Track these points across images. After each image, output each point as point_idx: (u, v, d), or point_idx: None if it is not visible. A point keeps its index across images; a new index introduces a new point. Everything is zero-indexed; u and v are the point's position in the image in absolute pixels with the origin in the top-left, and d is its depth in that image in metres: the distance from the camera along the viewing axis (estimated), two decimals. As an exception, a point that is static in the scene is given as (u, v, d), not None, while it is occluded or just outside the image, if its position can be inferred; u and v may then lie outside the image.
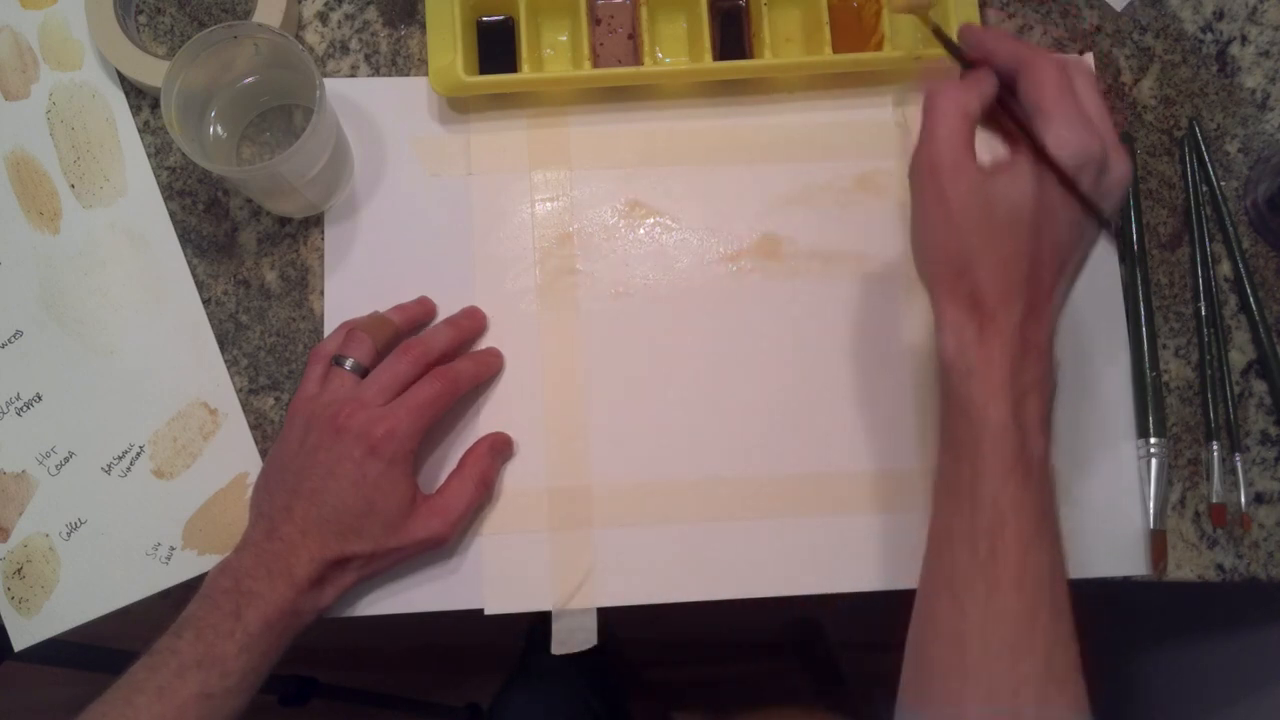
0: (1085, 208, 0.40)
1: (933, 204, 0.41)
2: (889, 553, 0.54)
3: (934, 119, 0.41)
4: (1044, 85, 0.40)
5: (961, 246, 0.40)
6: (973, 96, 0.41)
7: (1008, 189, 0.39)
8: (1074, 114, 0.39)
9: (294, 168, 0.49)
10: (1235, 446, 0.55)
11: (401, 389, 0.49)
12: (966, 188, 0.39)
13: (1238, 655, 0.70)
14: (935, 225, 0.41)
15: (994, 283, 0.40)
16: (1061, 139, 0.39)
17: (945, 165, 0.40)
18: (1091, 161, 0.39)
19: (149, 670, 0.45)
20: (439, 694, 1.18)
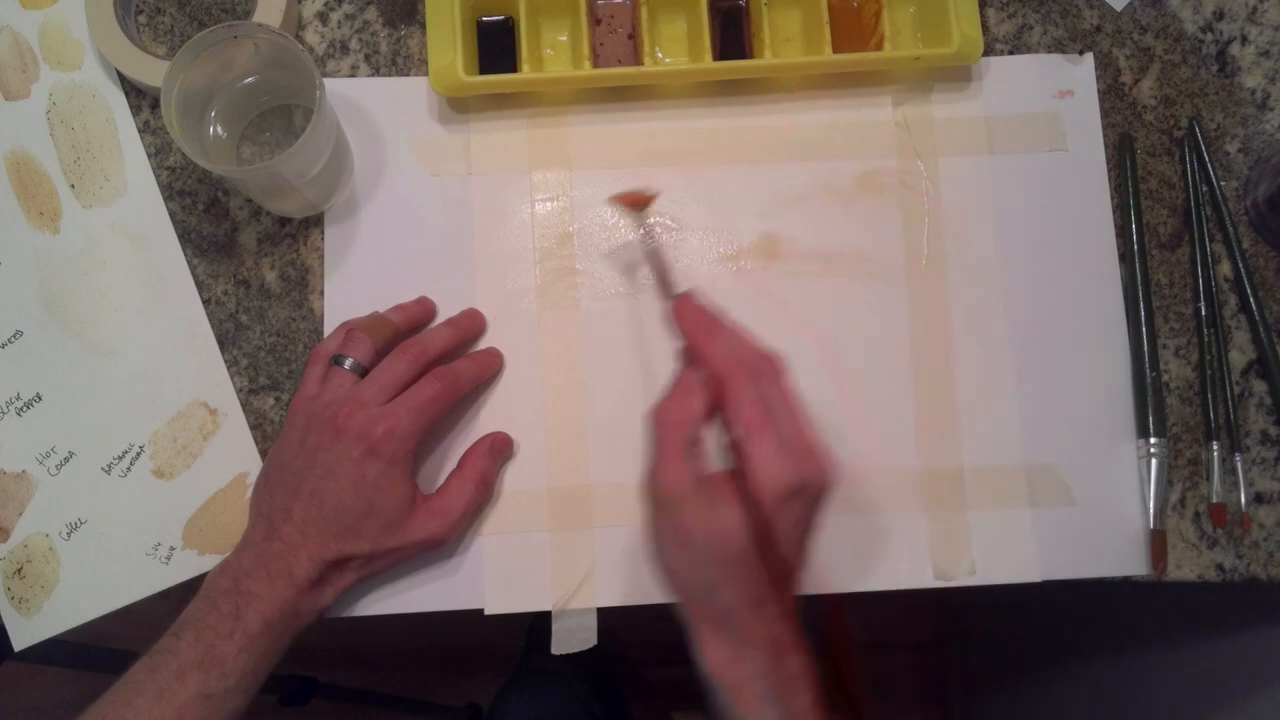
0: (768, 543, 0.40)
1: (669, 535, 0.42)
2: (889, 552, 0.54)
3: (660, 449, 0.42)
4: (740, 409, 0.40)
5: (703, 574, 0.41)
6: (693, 424, 0.42)
7: (730, 522, 0.40)
8: (775, 443, 0.40)
9: (294, 168, 0.49)
10: (1235, 446, 0.55)
11: (400, 389, 0.49)
12: (697, 520, 0.40)
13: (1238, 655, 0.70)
14: (674, 555, 0.42)
15: (740, 604, 0.41)
16: (764, 472, 0.39)
17: (674, 496, 0.41)
18: (796, 488, 0.39)
19: (149, 671, 0.45)
20: (439, 694, 1.18)
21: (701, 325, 0.44)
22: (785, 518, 0.40)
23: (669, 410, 0.42)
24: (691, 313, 0.44)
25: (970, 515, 0.54)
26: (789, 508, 0.40)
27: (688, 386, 0.43)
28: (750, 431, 0.40)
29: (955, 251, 0.57)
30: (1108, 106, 0.58)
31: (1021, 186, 0.57)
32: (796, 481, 0.40)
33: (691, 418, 0.42)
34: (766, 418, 0.40)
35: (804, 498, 0.40)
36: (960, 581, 0.53)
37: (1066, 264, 0.57)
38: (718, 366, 0.42)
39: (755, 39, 0.58)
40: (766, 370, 0.42)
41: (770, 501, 0.39)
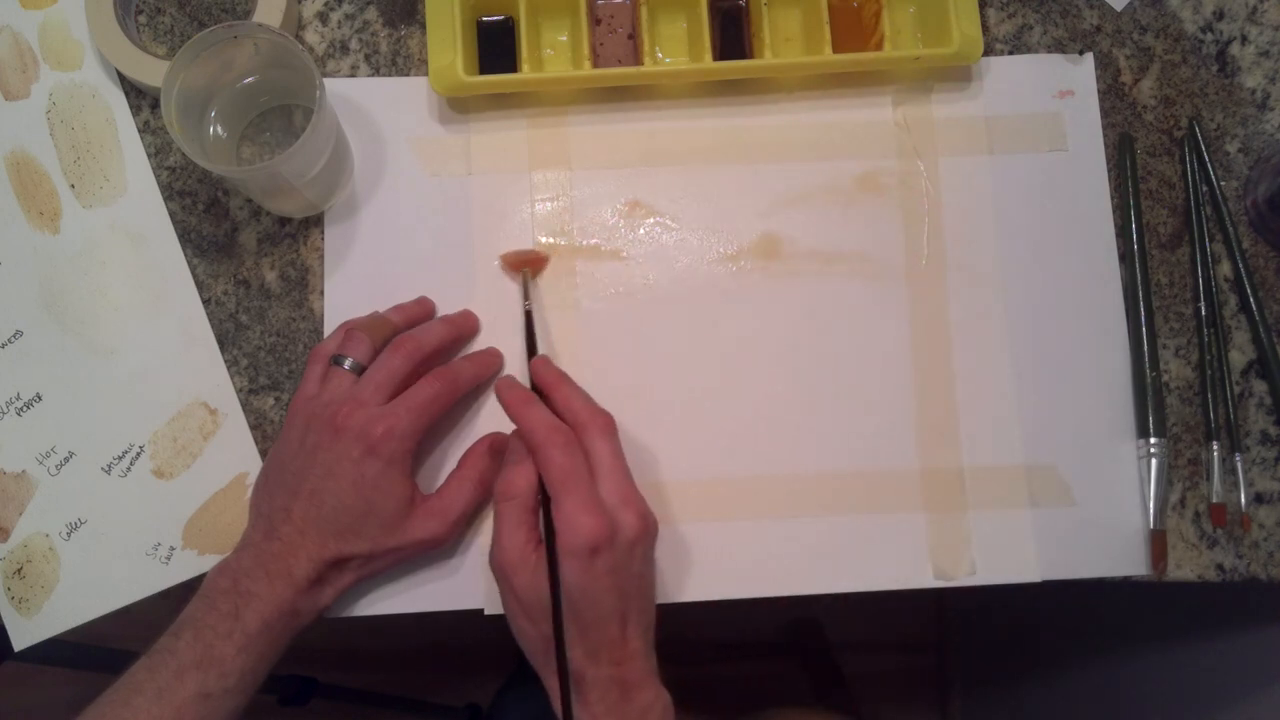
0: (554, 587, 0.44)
1: (509, 597, 0.46)
2: (888, 552, 0.54)
3: (498, 523, 0.46)
4: (550, 472, 0.44)
5: (539, 631, 0.45)
6: (527, 494, 0.46)
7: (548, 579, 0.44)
8: (577, 501, 0.43)
9: (294, 168, 0.49)
10: (1235, 446, 0.55)
11: (396, 385, 0.49)
12: (527, 582, 0.45)
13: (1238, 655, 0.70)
14: (517, 616, 0.46)
15: (576, 654, 0.44)
16: (565, 529, 0.43)
17: (509, 565, 0.45)
18: (600, 543, 0.43)
19: (148, 671, 0.45)
20: (439, 694, 1.18)
21: (518, 397, 0.48)
22: (593, 571, 0.43)
23: (502, 484, 0.47)
24: (509, 387, 0.49)
25: (970, 515, 0.54)
26: (596, 561, 0.43)
27: (517, 455, 0.47)
28: (555, 494, 0.44)
29: (955, 251, 0.57)
30: (1108, 106, 0.58)
31: (1021, 186, 0.57)
32: (596, 536, 0.43)
33: (519, 489, 0.46)
34: (570, 479, 0.44)
35: (610, 551, 0.44)
36: (960, 581, 0.53)
37: (1066, 264, 0.56)
38: (529, 437, 0.46)
39: (755, 39, 0.58)
40: (591, 432, 0.46)
41: (574, 557, 0.43)
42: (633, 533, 0.44)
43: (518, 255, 0.55)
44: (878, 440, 0.55)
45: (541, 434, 0.45)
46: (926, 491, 0.54)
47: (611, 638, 0.45)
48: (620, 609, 0.45)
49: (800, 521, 0.54)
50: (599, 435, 0.46)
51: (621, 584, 0.44)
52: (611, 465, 0.46)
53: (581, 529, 0.43)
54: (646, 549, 0.46)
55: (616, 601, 0.44)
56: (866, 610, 1.34)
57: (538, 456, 0.45)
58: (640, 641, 0.46)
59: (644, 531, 0.45)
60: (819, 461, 0.54)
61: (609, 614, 0.44)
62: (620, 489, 0.45)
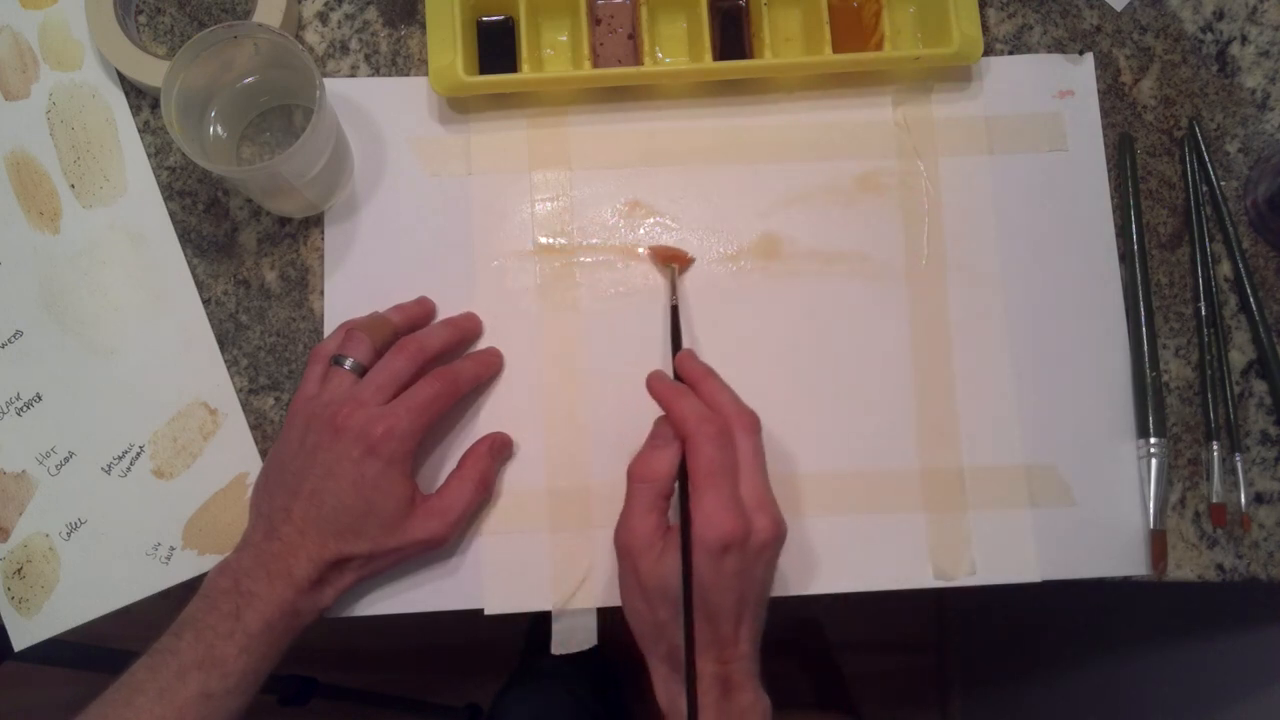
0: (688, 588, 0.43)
1: (630, 577, 0.46)
2: (888, 552, 0.54)
3: (630, 503, 0.46)
4: (698, 463, 0.45)
5: (655, 615, 0.46)
6: (664, 480, 0.46)
7: (676, 567, 0.44)
8: (719, 497, 0.44)
9: (294, 168, 0.49)
10: (1235, 446, 0.55)
11: (399, 387, 0.49)
12: (651, 566, 0.45)
13: (1238, 655, 0.70)
14: (634, 596, 0.47)
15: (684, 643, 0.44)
16: (703, 523, 0.43)
17: (636, 547, 0.45)
18: (733, 543, 0.43)
19: (149, 671, 0.45)
20: (439, 694, 1.18)
21: (670, 386, 0.48)
22: (721, 569, 0.44)
23: (639, 465, 0.47)
24: (660, 378, 0.49)
25: (970, 515, 0.54)
26: (725, 560, 0.43)
27: (660, 440, 0.47)
28: (698, 486, 0.44)
29: (955, 251, 0.57)
30: (1108, 106, 0.58)
31: (1021, 186, 0.57)
32: (731, 535, 0.43)
33: (659, 474, 0.46)
34: (716, 474, 0.44)
35: (740, 551, 0.44)
36: (960, 581, 0.53)
37: (1066, 264, 0.57)
38: (680, 425, 0.46)
39: (755, 39, 0.58)
40: (736, 428, 0.46)
41: (705, 552, 0.43)
42: (765, 536, 0.45)
43: (668, 250, 0.55)
44: (878, 440, 0.55)
45: (694, 424, 0.45)
46: (926, 491, 0.54)
47: (724, 636, 0.45)
48: (738, 610, 0.45)
49: (800, 521, 0.54)
50: (744, 433, 0.46)
51: (744, 585, 0.45)
52: (753, 465, 0.46)
53: (719, 526, 0.43)
54: (773, 555, 0.46)
55: (736, 602, 0.45)
56: (866, 610, 1.34)
57: (689, 446, 0.45)
58: (750, 644, 0.46)
59: (775, 537, 0.45)
60: (819, 461, 0.54)
61: (727, 612, 0.45)
62: (758, 491, 0.45)
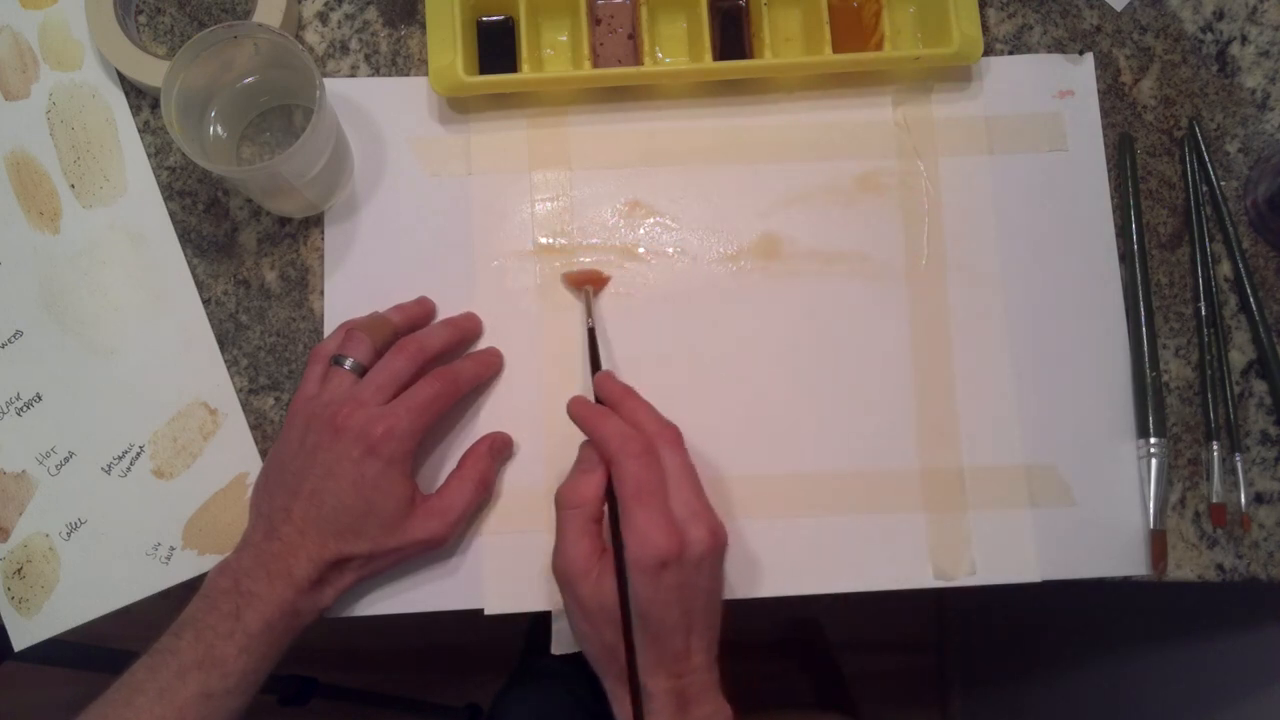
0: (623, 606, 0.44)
1: (572, 604, 0.46)
2: (888, 552, 0.54)
3: (562, 531, 0.46)
4: (624, 484, 0.44)
5: (601, 638, 0.46)
6: (593, 503, 0.46)
7: (614, 589, 0.44)
8: (648, 515, 0.44)
9: (294, 168, 0.49)
10: (1235, 446, 0.55)
11: (399, 387, 0.49)
12: (590, 591, 0.45)
13: (1238, 655, 0.70)
14: (579, 621, 0.46)
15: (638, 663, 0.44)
16: (635, 543, 0.43)
17: (573, 573, 0.45)
18: (669, 559, 0.43)
19: (149, 671, 0.45)
20: (439, 694, 1.18)
21: (591, 410, 0.48)
22: (660, 585, 0.43)
23: (568, 493, 0.47)
24: (581, 402, 0.49)
25: (970, 515, 0.54)
26: (664, 576, 0.43)
27: (587, 464, 0.47)
28: (627, 506, 0.44)
29: (955, 251, 0.57)
30: (1108, 106, 0.58)
31: (1021, 186, 0.57)
32: (666, 551, 0.43)
33: (586, 498, 0.46)
34: (644, 492, 0.44)
35: (678, 565, 0.44)
36: (960, 581, 0.53)
37: (1066, 264, 0.57)
38: (603, 447, 0.46)
39: (755, 39, 0.58)
40: (660, 443, 0.46)
41: (642, 571, 0.43)
42: (702, 548, 0.44)
43: (581, 274, 0.55)
44: (878, 440, 0.55)
45: (617, 444, 0.45)
46: (926, 491, 0.54)
47: (675, 651, 0.45)
48: (685, 623, 0.45)
49: (800, 521, 0.54)
50: (668, 447, 0.46)
51: (687, 598, 0.44)
52: (681, 478, 0.45)
53: (652, 543, 0.43)
54: (715, 563, 0.46)
55: (681, 616, 0.44)
56: (866, 610, 1.34)
57: (614, 467, 0.45)
58: (703, 655, 0.46)
59: (713, 547, 0.45)
60: (819, 461, 0.54)
61: (673, 628, 0.44)
62: (690, 502, 0.45)
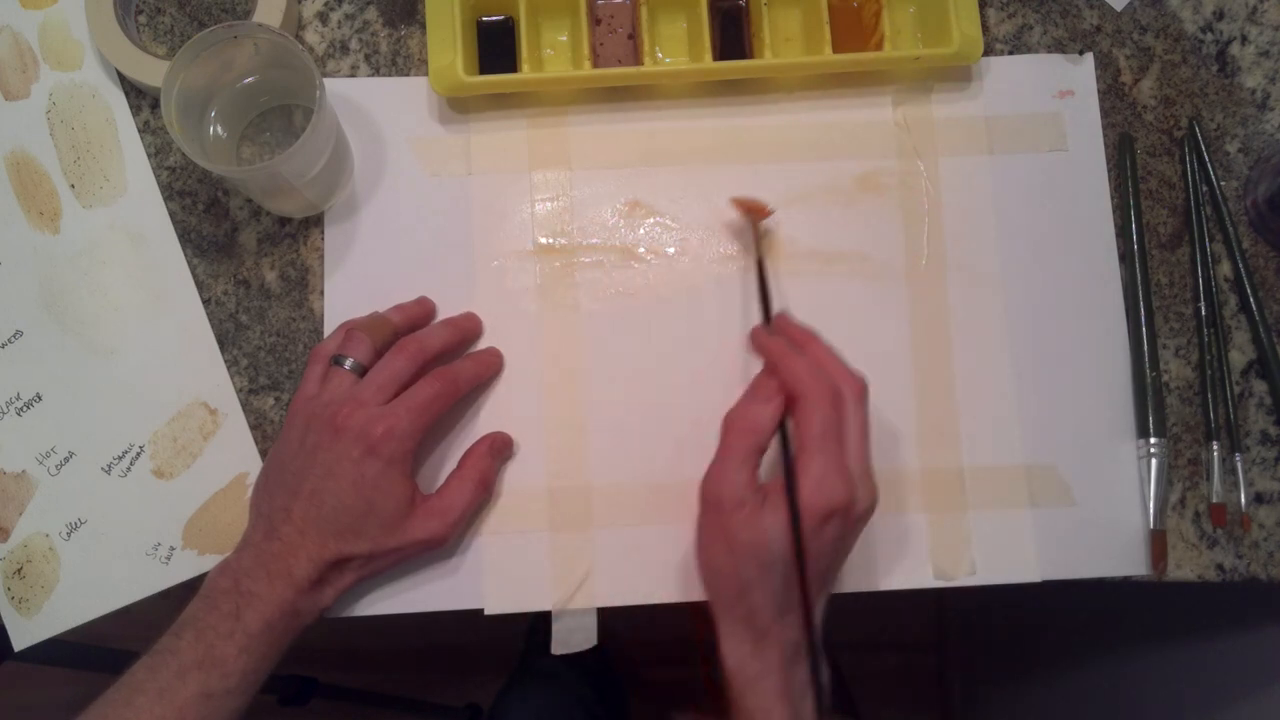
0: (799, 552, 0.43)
1: (717, 533, 0.45)
2: (887, 553, 0.54)
3: (726, 455, 0.45)
4: (810, 424, 0.43)
5: (740, 573, 0.44)
6: (764, 435, 0.44)
7: (774, 528, 0.43)
8: (829, 463, 0.43)
9: (294, 168, 0.49)
10: (1235, 446, 0.55)
11: (399, 387, 0.49)
12: (744, 523, 0.43)
13: (1238, 655, 0.70)
14: (718, 552, 0.45)
15: (767, 605, 0.44)
16: (812, 488, 0.42)
17: (728, 501, 0.44)
18: (838, 511, 0.43)
19: (149, 671, 0.45)
20: (439, 694, 1.18)
21: (780, 344, 0.46)
22: (823, 534, 0.43)
23: (739, 417, 0.45)
24: (766, 335, 0.47)
25: (970, 515, 0.54)
26: (827, 527, 0.43)
27: (764, 394, 0.45)
28: (808, 449, 0.43)
29: (955, 251, 0.57)
30: (1108, 106, 0.58)
31: (1021, 186, 0.57)
32: (839, 503, 0.42)
33: (759, 427, 0.44)
34: (826, 439, 0.43)
35: (842, 520, 0.43)
36: (960, 581, 0.54)
37: (1066, 264, 0.57)
38: (794, 383, 0.44)
39: (755, 39, 0.58)
40: (846, 392, 0.44)
41: (810, 517, 0.42)
42: (864, 508, 0.44)
43: (750, 203, 0.54)
44: (878, 440, 0.55)
45: (809, 384, 0.44)
46: (926, 491, 0.54)
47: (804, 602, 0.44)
48: (823, 578, 0.45)
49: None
50: (854, 399, 0.45)
51: (835, 554, 0.44)
52: (861, 433, 0.44)
53: (828, 492, 0.42)
54: (863, 528, 0.45)
55: (825, 570, 0.44)
56: (866, 610, 1.34)
57: (801, 405, 0.44)
58: (820, 615, 0.46)
59: (871, 510, 0.45)
60: (819, 461, 0.54)
61: (814, 580, 0.44)
62: (863, 460, 0.44)
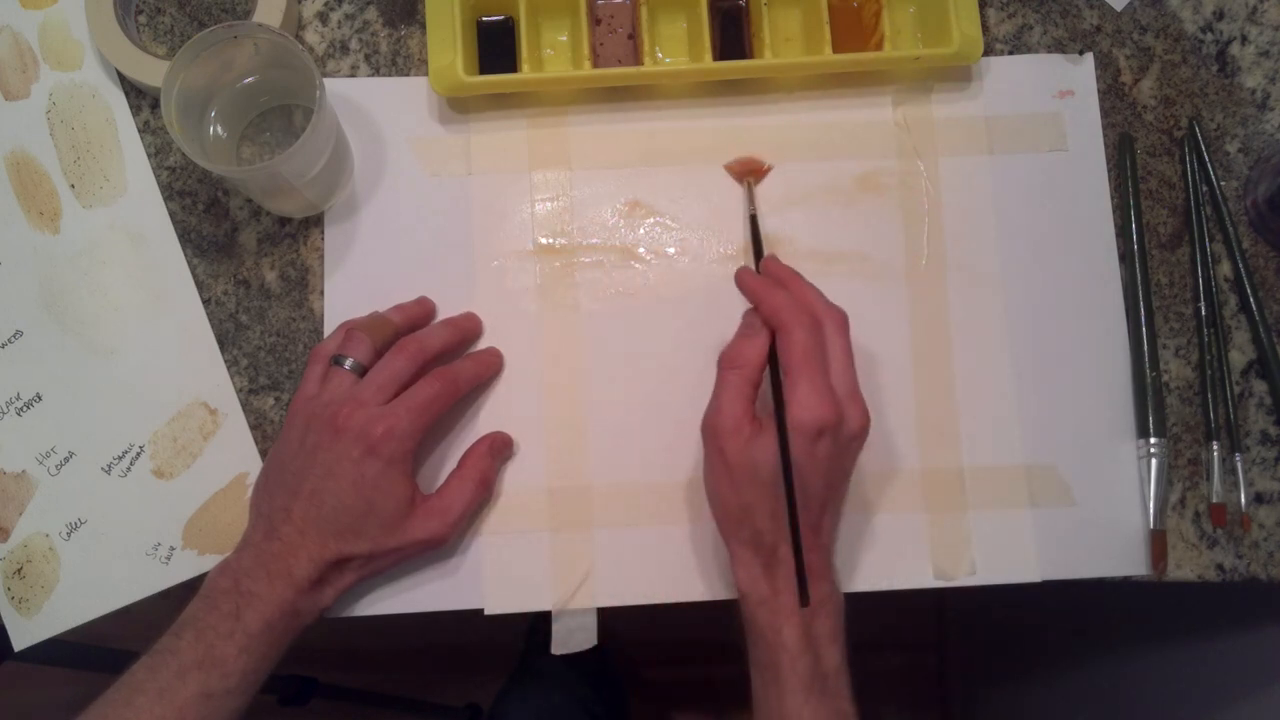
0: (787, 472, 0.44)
1: (716, 461, 0.47)
2: (887, 552, 0.54)
3: (720, 389, 0.47)
4: (793, 350, 0.45)
5: (740, 498, 0.46)
6: (754, 367, 0.46)
7: (767, 450, 0.44)
8: (814, 383, 0.44)
9: (294, 168, 0.49)
10: (1235, 446, 0.55)
11: (399, 387, 0.49)
12: (739, 449, 0.45)
13: (1238, 655, 0.70)
14: (719, 479, 0.47)
15: (769, 526, 0.46)
16: (800, 407, 0.44)
17: (724, 430, 0.46)
18: (827, 428, 0.44)
19: (149, 671, 0.45)
20: (439, 694, 1.18)
21: (762, 281, 0.48)
22: (814, 453, 0.44)
23: (731, 354, 0.47)
24: (749, 274, 0.49)
25: (970, 515, 0.54)
26: (819, 444, 0.44)
27: (751, 329, 0.48)
28: (792, 372, 0.45)
29: (955, 251, 0.57)
30: (1108, 106, 0.58)
31: (1021, 186, 0.57)
32: (826, 420, 0.44)
33: (749, 361, 0.46)
34: (809, 362, 0.44)
35: (833, 437, 0.45)
36: (960, 581, 0.54)
37: (1066, 264, 0.57)
38: (775, 316, 0.46)
39: (755, 39, 0.58)
40: (826, 322, 0.46)
41: (801, 436, 0.44)
42: (855, 426, 0.45)
43: (741, 163, 0.56)
44: (878, 440, 0.55)
45: (788, 313, 0.46)
46: (926, 491, 0.54)
47: (811, 522, 0.46)
48: (824, 496, 0.46)
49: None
50: (834, 328, 0.47)
51: (833, 473, 0.46)
52: (844, 359, 0.46)
53: (814, 410, 0.44)
54: (859, 447, 0.47)
55: (824, 488, 0.46)
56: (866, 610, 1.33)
57: (781, 334, 0.46)
58: (829, 536, 0.48)
59: (863, 428, 0.46)
60: (819, 461, 0.54)
61: (814, 498, 0.45)
62: (848, 383, 0.46)
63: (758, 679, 0.47)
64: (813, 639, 0.45)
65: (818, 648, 0.45)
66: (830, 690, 0.45)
